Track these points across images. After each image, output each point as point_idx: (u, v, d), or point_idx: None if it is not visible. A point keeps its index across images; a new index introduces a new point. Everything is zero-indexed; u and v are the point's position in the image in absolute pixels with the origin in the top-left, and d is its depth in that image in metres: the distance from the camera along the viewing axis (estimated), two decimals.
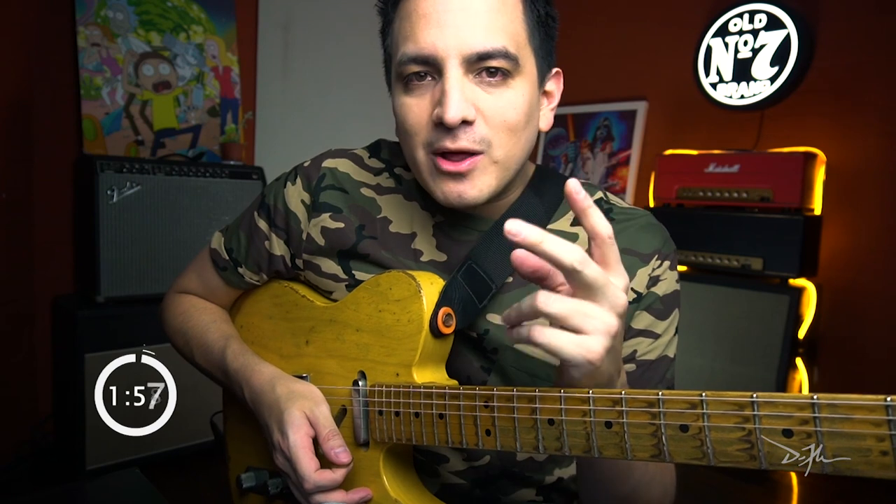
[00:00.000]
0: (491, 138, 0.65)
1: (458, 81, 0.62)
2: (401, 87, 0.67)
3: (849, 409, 0.38)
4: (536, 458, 0.77)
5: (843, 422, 0.38)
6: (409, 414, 0.65)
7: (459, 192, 0.66)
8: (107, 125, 2.40)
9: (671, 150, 2.92)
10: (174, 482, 2.10)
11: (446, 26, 0.62)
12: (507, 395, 0.56)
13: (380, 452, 0.71)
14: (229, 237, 0.89)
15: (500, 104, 0.64)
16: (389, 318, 0.71)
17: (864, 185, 2.49)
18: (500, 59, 0.63)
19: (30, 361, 2.30)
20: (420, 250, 0.76)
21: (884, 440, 0.37)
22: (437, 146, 0.65)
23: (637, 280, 0.72)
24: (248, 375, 0.78)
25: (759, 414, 0.42)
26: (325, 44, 3.08)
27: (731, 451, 0.43)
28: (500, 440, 0.57)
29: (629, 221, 0.75)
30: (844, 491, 2.27)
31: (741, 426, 0.43)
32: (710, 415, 0.44)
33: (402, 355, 0.69)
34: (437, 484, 0.77)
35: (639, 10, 3.19)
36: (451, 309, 0.68)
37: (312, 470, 0.67)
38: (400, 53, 0.65)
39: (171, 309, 0.94)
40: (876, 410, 0.37)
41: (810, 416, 0.40)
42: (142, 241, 2.16)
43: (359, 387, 0.72)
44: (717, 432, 0.44)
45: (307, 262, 0.81)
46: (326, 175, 0.80)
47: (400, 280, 0.70)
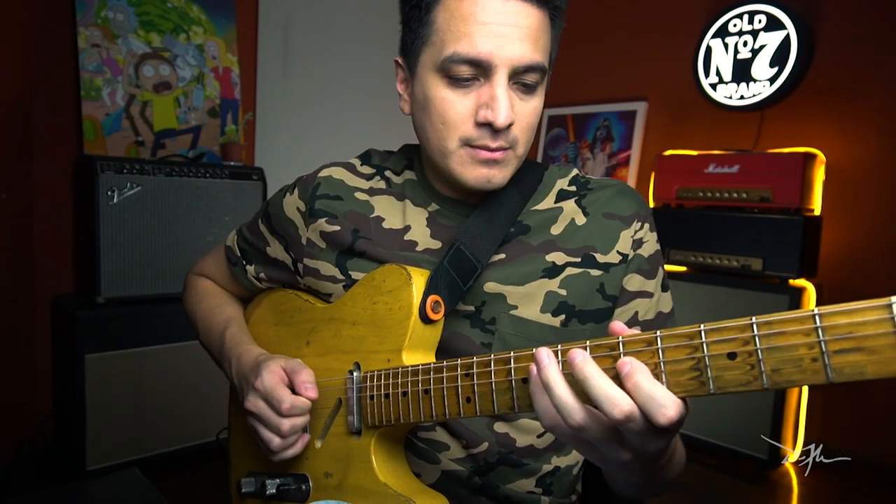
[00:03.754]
0: (519, 138, 0.73)
1: (505, 89, 0.69)
2: (441, 80, 0.71)
3: (782, 324, 0.41)
4: (536, 446, 0.78)
5: (777, 336, 0.41)
6: (397, 394, 0.68)
7: (489, 177, 0.73)
8: (107, 126, 2.40)
9: (671, 151, 2.93)
10: (174, 482, 2.10)
11: (504, 38, 0.68)
12: (485, 360, 0.59)
13: (371, 438, 0.73)
14: (242, 237, 0.96)
15: (528, 110, 0.72)
16: (383, 308, 0.74)
17: (863, 185, 2.49)
18: (538, 72, 0.71)
19: (30, 362, 2.30)
20: (414, 241, 0.81)
21: (813, 348, 0.40)
22: (479, 143, 0.71)
23: (622, 242, 0.78)
24: (238, 352, 0.83)
25: (705, 342, 0.45)
26: (325, 44, 3.08)
27: (684, 381, 0.46)
28: (478, 405, 0.60)
29: (605, 189, 0.82)
30: (844, 491, 2.28)
31: (692, 356, 0.45)
32: (665, 349, 0.47)
33: (392, 341, 0.72)
34: (437, 471, 0.78)
35: (639, 11, 3.19)
36: (439, 296, 0.72)
37: (289, 393, 0.73)
38: (451, 52, 0.69)
39: (188, 289, 1.03)
40: (805, 321, 0.40)
41: (750, 336, 0.42)
42: (142, 242, 2.16)
43: (352, 376, 0.75)
44: (671, 365, 0.46)
45: (307, 266, 0.85)
46: (322, 184, 0.85)
47: (392, 271, 0.74)
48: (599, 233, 0.79)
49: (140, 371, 2.15)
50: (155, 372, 2.17)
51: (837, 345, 0.39)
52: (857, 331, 0.38)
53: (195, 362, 2.18)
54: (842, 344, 0.38)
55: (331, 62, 3.11)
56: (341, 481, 0.75)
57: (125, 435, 2.12)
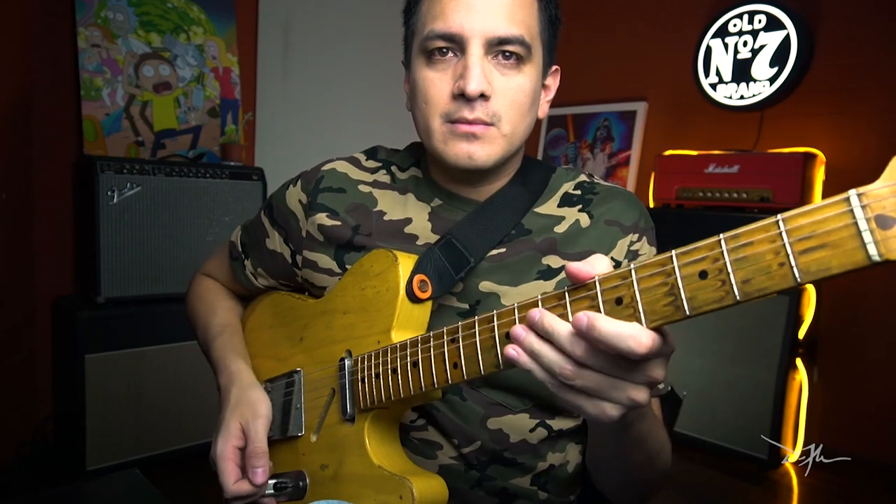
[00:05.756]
0: (502, 114, 0.72)
1: (479, 59, 0.70)
2: (423, 61, 0.74)
3: (749, 234, 0.42)
4: (529, 441, 0.78)
5: (744, 248, 0.42)
6: (387, 372, 0.68)
7: (470, 153, 0.72)
8: (107, 126, 2.40)
9: (671, 151, 2.93)
10: (174, 482, 2.10)
11: (475, 11, 0.70)
12: (470, 322, 0.59)
13: (364, 423, 0.73)
14: (245, 232, 0.96)
15: (512, 85, 0.72)
16: (371, 292, 0.74)
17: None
18: (517, 45, 0.71)
19: (30, 362, 2.30)
20: (415, 234, 0.81)
21: (779, 253, 0.40)
22: (455, 116, 0.71)
23: (617, 249, 0.79)
24: (220, 370, 0.86)
25: (676, 265, 0.45)
26: (325, 44, 3.08)
27: (660, 308, 0.46)
28: (465, 369, 0.59)
29: (612, 197, 0.82)
30: (844, 491, 2.28)
31: (665, 282, 0.46)
32: (639, 279, 0.47)
33: (382, 323, 0.72)
34: (434, 466, 0.78)
35: (638, 11, 3.19)
36: (426, 276, 0.72)
37: (231, 482, 0.74)
38: (427, 30, 0.72)
39: (192, 288, 1.04)
40: (770, 228, 0.40)
41: (719, 253, 0.43)
42: (142, 242, 2.16)
43: (344, 363, 0.75)
44: (646, 294, 0.47)
45: (306, 259, 0.85)
46: (325, 177, 0.85)
47: (379, 256, 0.74)
48: (600, 238, 0.79)
49: (140, 371, 2.15)
50: (155, 372, 2.17)
51: (802, 245, 0.39)
52: (818, 228, 0.38)
53: (195, 362, 2.18)
54: (806, 244, 0.39)
55: (331, 62, 3.11)
56: (337, 471, 0.74)
57: (125, 435, 2.12)
